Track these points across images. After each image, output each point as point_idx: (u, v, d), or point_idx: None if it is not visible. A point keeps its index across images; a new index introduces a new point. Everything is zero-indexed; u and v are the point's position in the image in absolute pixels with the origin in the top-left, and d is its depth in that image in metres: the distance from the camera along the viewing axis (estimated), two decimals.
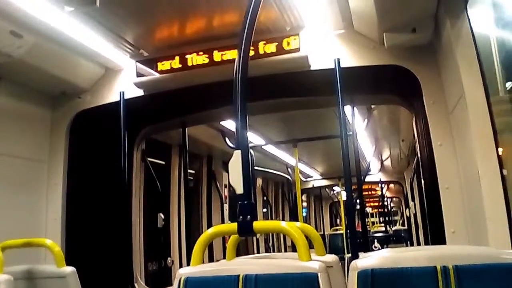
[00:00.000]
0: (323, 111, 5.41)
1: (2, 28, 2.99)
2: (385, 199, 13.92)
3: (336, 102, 3.30)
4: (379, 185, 12.07)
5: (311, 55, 3.53)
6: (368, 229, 12.45)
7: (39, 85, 3.84)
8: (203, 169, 6.94)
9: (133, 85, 3.85)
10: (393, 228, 13.05)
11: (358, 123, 5.57)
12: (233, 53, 3.54)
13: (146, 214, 4.91)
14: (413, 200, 8.00)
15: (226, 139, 6.00)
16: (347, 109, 4.40)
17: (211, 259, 6.18)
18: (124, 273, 3.85)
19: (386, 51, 3.39)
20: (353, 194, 4.32)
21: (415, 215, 8.01)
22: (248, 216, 1.90)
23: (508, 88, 2.65)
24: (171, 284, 1.93)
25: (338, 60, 3.34)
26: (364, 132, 6.72)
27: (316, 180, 12.45)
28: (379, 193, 13.09)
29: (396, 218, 19.09)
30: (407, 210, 9.66)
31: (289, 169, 9.59)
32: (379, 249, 7.04)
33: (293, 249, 2.00)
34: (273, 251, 10.18)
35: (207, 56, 3.63)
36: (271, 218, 10.38)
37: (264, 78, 3.47)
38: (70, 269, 2.92)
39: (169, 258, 5.68)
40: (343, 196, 11.05)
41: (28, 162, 3.84)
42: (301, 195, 7.93)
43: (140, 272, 4.57)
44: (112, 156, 3.74)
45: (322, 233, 13.71)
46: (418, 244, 7.90)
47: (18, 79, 3.65)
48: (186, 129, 4.76)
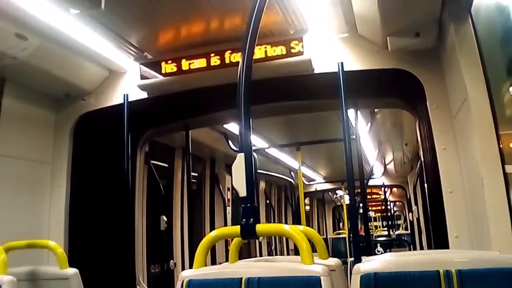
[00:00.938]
0: (326, 115, 5.41)
1: (7, 30, 3.01)
2: (388, 203, 13.87)
3: (339, 106, 3.30)
4: (382, 189, 12.02)
5: (315, 59, 3.54)
6: (371, 233, 12.39)
7: (44, 87, 3.87)
8: (206, 172, 6.93)
9: (137, 88, 3.87)
10: (396, 232, 12.99)
11: (361, 127, 5.56)
12: (237, 57, 3.55)
13: (149, 217, 4.92)
14: (416, 204, 7.97)
15: (229, 142, 6.00)
16: (350, 113, 4.41)
17: (214, 262, 6.18)
18: (127, 275, 3.85)
19: (390, 55, 3.39)
20: (356, 198, 4.31)
21: (418, 219, 7.98)
22: (251, 219, 1.90)
23: None
24: (174, 287, 1.93)
25: (342, 64, 3.35)
26: (367, 136, 6.70)
27: (319, 184, 12.41)
28: (382, 197, 13.04)
29: (399, 222, 19.04)
30: (410, 214, 9.62)
31: (292, 173, 9.57)
32: (382, 253, 7.03)
33: (296, 253, 1.99)
34: (276, 254, 10.15)
35: (211, 60, 3.64)
36: (274, 221, 10.36)
37: (268, 81, 3.47)
38: (73, 271, 2.94)
39: (172, 261, 5.67)
40: (346, 200, 11.01)
41: (32, 164, 3.85)
42: (304, 199, 7.91)
43: (143, 275, 4.57)
44: (116, 158, 3.74)
45: (325, 237, 13.69)
46: (421, 248, 7.88)
47: (23, 81, 3.66)
48: (190, 132, 4.76)
